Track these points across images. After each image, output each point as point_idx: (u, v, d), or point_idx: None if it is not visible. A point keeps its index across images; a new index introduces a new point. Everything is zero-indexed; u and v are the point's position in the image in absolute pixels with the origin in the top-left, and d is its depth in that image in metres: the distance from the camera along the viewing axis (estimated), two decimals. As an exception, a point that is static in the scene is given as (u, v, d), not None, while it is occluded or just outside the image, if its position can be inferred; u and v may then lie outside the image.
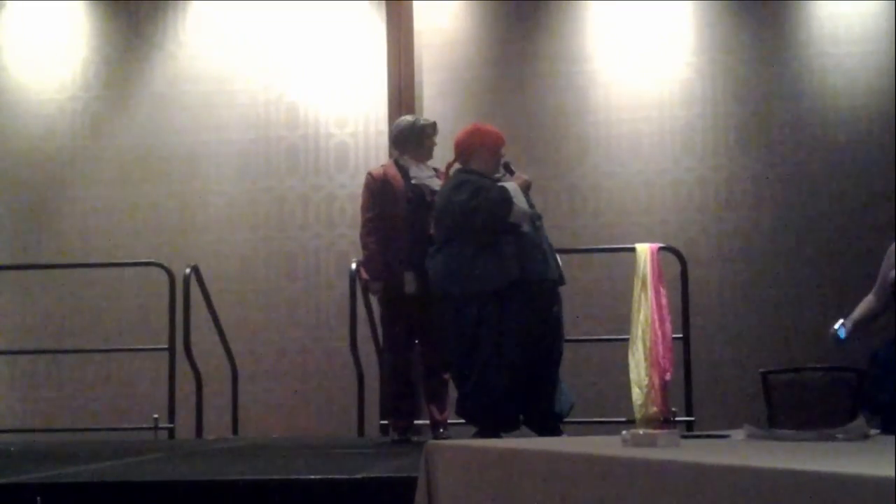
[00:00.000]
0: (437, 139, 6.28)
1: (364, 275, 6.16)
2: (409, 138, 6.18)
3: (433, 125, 6.25)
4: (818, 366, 2.90)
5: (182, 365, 7.56)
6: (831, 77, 8.62)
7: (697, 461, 2.02)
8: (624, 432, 2.48)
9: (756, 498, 1.80)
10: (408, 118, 6.43)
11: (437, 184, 6.06)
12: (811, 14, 8.72)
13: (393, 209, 6.03)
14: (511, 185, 5.56)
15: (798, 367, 2.89)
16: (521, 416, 5.54)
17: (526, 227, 5.50)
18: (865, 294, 5.20)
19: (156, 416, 7.70)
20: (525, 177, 5.70)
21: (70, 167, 9.35)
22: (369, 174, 6.23)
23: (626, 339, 6.80)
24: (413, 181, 6.07)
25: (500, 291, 5.39)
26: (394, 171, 6.13)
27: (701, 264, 8.34)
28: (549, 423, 5.51)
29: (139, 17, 9.40)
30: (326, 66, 9.20)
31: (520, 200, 5.48)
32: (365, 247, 6.10)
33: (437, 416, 6.06)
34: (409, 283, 5.94)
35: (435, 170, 6.20)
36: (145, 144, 9.28)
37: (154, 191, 9.23)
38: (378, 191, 6.08)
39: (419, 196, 6.04)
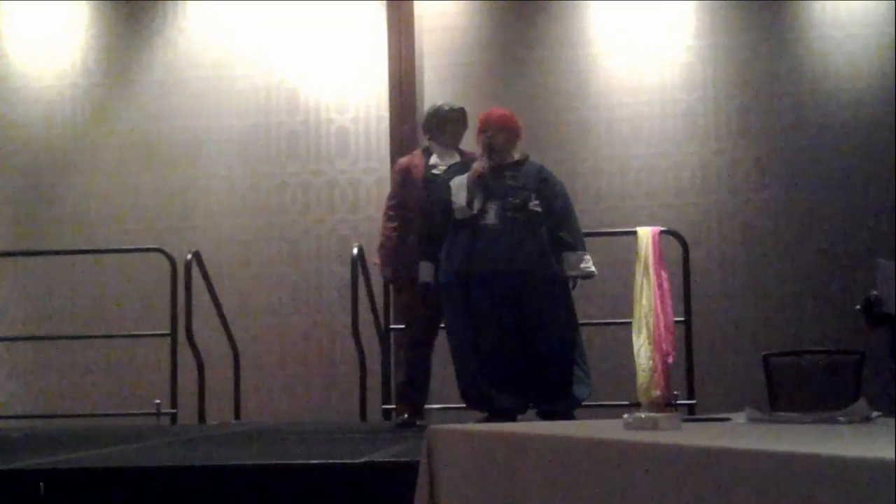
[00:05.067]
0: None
1: (376, 259, 6.12)
2: (432, 124, 6.10)
3: (459, 110, 6.12)
4: (819, 349, 2.90)
5: (184, 350, 7.57)
6: (833, 60, 8.59)
7: (699, 444, 2.02)
8: (625, 415, 2.48)
9: (757, 481, 1.80)
10: (436, 104, 6.28)
11: None
12: (812, -4, 8.70)
13: (412, 197, 5.95)
14: (456, 181, 5.60)
15: (799, 350, 2.89)
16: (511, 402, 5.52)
17: (490, 219, 5.51)
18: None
19: (158, 401, 7.72)
20: (478, 166, 5.63)
21: (70, 154, 9.34)
22: (397, 163, 6.30)
23: (629, 323, 6.80)
24: (434, 170, 5.95)
25: (461, 281, 5.53)
26: (418, 160, 6.07)
27: (702, 248, 8.34)
28: (557, 411, 5.48)
29: (139, 3, 9.38)
30: (327, 52, 9.18)
31: (459, 197, 5.53)
32: (382, 232, 6.07)
33: None
34: (424, 273, 5.76)
35: (462, 153, 6.04)
36: (145, 131, 9.27)
37: (154, 177, 9.22)
38: (401, 180, 6.05)
39: (435, 185, 5.97)
